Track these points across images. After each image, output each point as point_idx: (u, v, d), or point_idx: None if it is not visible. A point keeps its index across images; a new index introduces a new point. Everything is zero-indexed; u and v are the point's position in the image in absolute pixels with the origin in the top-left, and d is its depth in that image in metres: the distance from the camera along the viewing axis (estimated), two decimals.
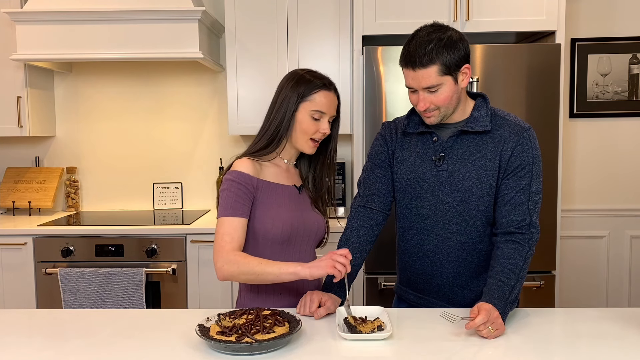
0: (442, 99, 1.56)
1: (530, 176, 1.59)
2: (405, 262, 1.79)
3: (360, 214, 1.75)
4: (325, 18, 3.06)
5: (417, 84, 1.55)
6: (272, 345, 1.32)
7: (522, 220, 1.57)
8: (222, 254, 1.54)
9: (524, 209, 1.58)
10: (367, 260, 2.79)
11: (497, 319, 1.43)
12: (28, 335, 1.48)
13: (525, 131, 1.61)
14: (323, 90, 1.66)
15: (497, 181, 1.61)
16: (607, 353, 1.33)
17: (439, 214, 1.67)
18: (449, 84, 1.55)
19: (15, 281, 2.92)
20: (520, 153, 1.59)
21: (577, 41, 3.29)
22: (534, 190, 1.60)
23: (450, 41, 1.52)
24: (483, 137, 1.62)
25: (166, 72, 3.46)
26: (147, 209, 3.51)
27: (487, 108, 1.64)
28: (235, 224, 1.58)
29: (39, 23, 2.90)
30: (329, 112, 1.68)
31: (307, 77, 1.67)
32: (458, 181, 1.62)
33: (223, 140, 3.49)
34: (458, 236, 1.66)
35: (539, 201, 1.60)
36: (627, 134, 3.35)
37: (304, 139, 1.67)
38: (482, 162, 1.61)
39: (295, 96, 1.65)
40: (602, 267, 3.39)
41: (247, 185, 1.61)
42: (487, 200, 1.62)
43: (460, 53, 1.54)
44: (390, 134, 1.75)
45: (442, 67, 1.52)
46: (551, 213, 2.75)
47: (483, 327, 1.40)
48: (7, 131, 3.16)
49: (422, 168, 1.67)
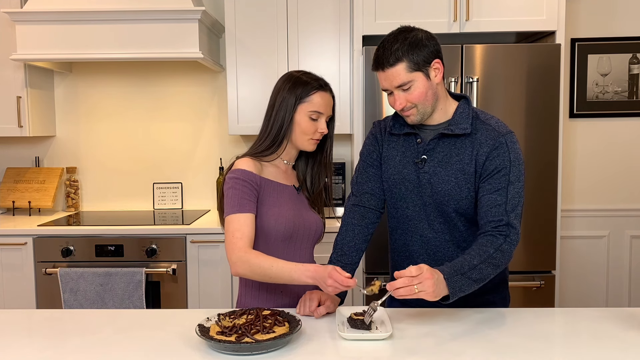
0: (417, 95, 1.57)
1: (508, 179, 1.58)
2: (395, 261, 1.81)
3: (354, 213, 1.76)
4: (325, 18, 3.06)
5: (389, 83, 1.58)
6: (272, 345, 1.32)
7: (499, 221, 1.56)
8: (235, 251, 1.57)
9: (501, 210, 1.56)
10: (366, 260, 2.80)
11: (428, 280, 1.36)
12: (28, 335, 1.48)
13: (503, 136, 1.60)
14: (320, 91, 1.69)
15: (475, 185, 1.62)
16: (607, 353, 1.33)
17: (422, 215, 1.68)
18: (421, 80, 1.57)
19: (15, 281, 2.92)
20: (495, 157, 1.59)
21: (577, 41, 3.29)
22: (512, 193, 1.58)
23: (416, 39, 1.56)
24: (463, 141, 1.63)
25: (166, 72, 3.46)
26: (147, 209, 3.51)
27: (469, 110, 1.64)
28: (244, 220, 1.59)
29: (39, 23, 2.90)
30: (326, 112, 1.70)
31: (304, 78, 1.70)
32: (438, 184, 1.63)
33: (223, 140, 3.49)
34: (442, 235, 1.68)
35: (518, 204, 1.58)
36: (627, 134, 3.35)
37: (304, 139, 1.69)
38: (460, 165, 1.62)
39: (293, 98, 1.67)
40: (602, 267, 3.39)
41: (251, 182, 1.63)
42: (466, 204, 1.63)
43: (429, 49, 1.56)
44: (380, 133, 1.77)
45: (409, 64, 1.55)
46: (551, 213, 2.76)
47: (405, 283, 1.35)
48: (7, 131, 3.16)
49: (407, 169, 1.68)
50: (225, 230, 1.61)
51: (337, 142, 3.40)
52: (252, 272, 1.55)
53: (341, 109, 3.07)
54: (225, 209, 1.64)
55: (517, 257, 2.77)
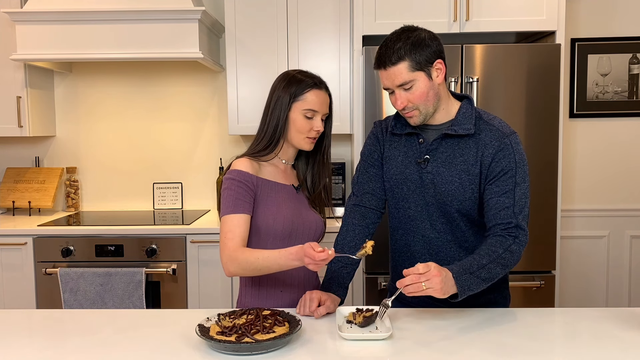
0: (418, 95, 1.57)
1: (514, 181, 1.58)
2: (395, 261, 1.80)
3: (355, 212, 1.76)
4: (325, 18, 3.06)
5: (391, 82, 1.58)
6: (272, 345, 1.32)
7: (507, 224, 1.56)
8: (225, 252, 1.58)
9: (510, 212, 1.56)
10: (367, 261, 2.80)
11: (436, 277, 1.38)
12: (28, 335, 1.48)
13: (507, 137, 1.60)
14: (314, 89, 1.69)
15: (480, 186, 1.61)
16: (607, 353, 1.33)
17: (424, 215, 1.68)
18: (422, 79, 1.56)
19: (15, 281, 2.92)
20: (501, 159, 1.59)
21: (577, 41, 3.29)
22: (519, 195, 1.58)
23: (418, 39, 1.56)
24: (466, 141, 1.62)
25: (166, 72, 3.46)
26: (147, 209, 3.51)
27: (472, 110, 1.64)
28: (237, 221, 1.60)
29: (39, 23, 2.90)
30: (321, 110, 1.69)
31: (299, 77, 1.70)
32: (441, 184, 1.63)
33: (223, 140, 3.49)
34: (444, 235, 1.67)
35: (525, 205, 1.59)
36: (627, 134, 3.35)
37: (300, 138, 1.69)
38: (464, 166, 1.61)
39: (287, 96, 1.68)
40: (602, 267, 3.39)
41: (247, 183, 1.63)
42: (469, 204, 1.63)
43: (431, 49, 1.56)
44: (381, 133, 1.77)
45: (412, 63, 1.54)
46: (551, 213, 2.76)
47: (414, 280, 1.37)
48: (7, 131, 3.16)
49: (409, 169, 1.68)
50: (220, 231, 1.63)
51: (337, 142, 3.40)
52: (242, 269, 1.56)
53: (341, 109, 3.07)
54: (221, 210, 1.65)
55: None
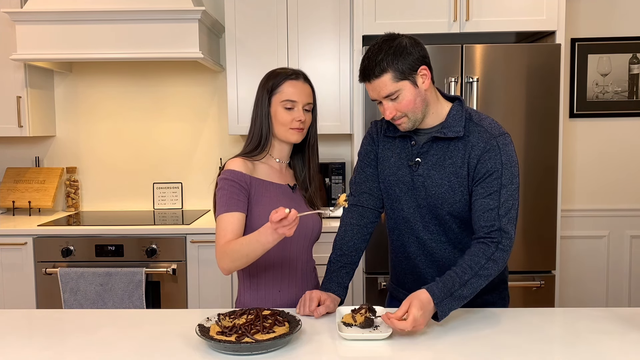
0: (405, 104, 1.56)
1: (500, 182, 1.56)
2: (394, 261, 1.81)
3: (353, 212, 1.76)
4: (325, 18, 3.06)
5: (377, 94, 1.58)
6: (272, 345, 1.32)
7: (490, 226, 1.55)
8: (217, 250, 1.59)
9: (494, 215, 1.55)
10: (367, 261, 2.80)
11: (421, 325, 1.42)
12: (28, 335, 1.48)
13: (495, 138, 1.59)
14: (290, 80, 1.70)
15: (468, 188, 1.61)
16: (607, 353, 1.33)
17: (417, 217, 1.68)
18: (408, 88, 1.55)
19: (15, 281, 2.92)
20: (487, 160, 1.57)
21: (577, 41, 3.29)
22: (505, 197, 1.56)
23: (400, 47, 1.54)
24: (455, 144, 1.61)
25: (166, 72, 3.46)
26: (147, 209, 3.51)
27: (462, 112, 1.62)
28: (230, 219, 1.60)
29: (39, 23, 2.90)
30: (300, 99, 1.69)
31: (277, 71, 1.74)
32: (432, 187, 1.63)
33: (223, 140, 3.49)
34: (438, 236, 1.67)
35: (512, 207, 1.56)
36: (627, 134, 3.35)
37: (284, 130, 1.70)
38: (453, 169, 1.61)
39: (266, 92, 1.71)
40: (602, 267, 3.39)
41: (240, 182, 1.63)
42: (460, 206, 1.62)
43: (413, 56, 1.55)
44: (376, 133, 1.77)
45: (395, 74, 1.53)
46: (551, 213, 2.76)
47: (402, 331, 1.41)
48: (7, 131, 3.16)
49: (402, 171, 1.68)
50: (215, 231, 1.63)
51: (337, 142, 3.41)
52: (233, 261, 1.55)
53: (341, 109, 3.07)
54: (215, 210, 1.65)
55: (517, 257, 2.77)
